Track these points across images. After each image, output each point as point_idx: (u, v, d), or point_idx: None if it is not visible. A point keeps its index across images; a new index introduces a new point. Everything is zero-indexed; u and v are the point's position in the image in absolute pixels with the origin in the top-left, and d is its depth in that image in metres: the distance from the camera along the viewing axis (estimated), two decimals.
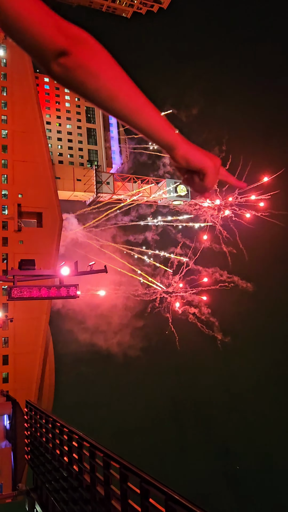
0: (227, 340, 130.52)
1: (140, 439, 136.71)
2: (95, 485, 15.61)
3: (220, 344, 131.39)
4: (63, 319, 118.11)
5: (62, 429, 19.55)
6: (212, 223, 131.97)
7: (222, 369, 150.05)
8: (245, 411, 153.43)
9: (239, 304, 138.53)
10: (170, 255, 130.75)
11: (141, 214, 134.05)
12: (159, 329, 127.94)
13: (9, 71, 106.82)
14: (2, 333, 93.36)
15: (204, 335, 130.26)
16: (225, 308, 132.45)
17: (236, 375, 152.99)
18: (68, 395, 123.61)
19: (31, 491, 24.72)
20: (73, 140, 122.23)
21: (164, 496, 11.02)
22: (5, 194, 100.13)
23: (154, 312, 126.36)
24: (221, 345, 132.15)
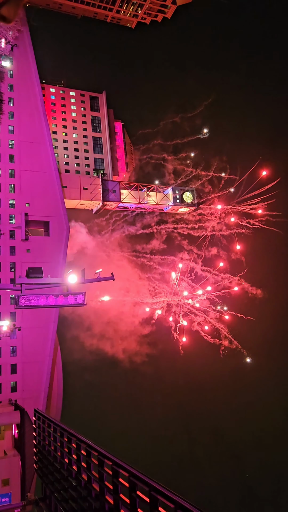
0: (236, 348, 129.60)
1: (149, 447, 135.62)
2: (104, 494, 15.51)
3: (227, 351, 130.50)
4: (71, 326, 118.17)
5: (71, 437, 19.49)
6: (216, 231, 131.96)
7: (232, 378, 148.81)
8: (256, 419, 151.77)
9: (249, 310, 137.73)
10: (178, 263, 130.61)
11: (147, 222, 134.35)
12: (167, 336, 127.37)
13: (16, 82, 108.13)
14: (10, 342, 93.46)
15: (213, 341, 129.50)
16: (235, 313, 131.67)
17: (247, 383, 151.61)
18: (77, 403, 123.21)
19: (40, 501, 24.59)
20: (79, 149, 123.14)
21: (174, 505, 10.93)
22: (12, 203, 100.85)
23: (161, 320, 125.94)
24: (229, 352, 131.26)
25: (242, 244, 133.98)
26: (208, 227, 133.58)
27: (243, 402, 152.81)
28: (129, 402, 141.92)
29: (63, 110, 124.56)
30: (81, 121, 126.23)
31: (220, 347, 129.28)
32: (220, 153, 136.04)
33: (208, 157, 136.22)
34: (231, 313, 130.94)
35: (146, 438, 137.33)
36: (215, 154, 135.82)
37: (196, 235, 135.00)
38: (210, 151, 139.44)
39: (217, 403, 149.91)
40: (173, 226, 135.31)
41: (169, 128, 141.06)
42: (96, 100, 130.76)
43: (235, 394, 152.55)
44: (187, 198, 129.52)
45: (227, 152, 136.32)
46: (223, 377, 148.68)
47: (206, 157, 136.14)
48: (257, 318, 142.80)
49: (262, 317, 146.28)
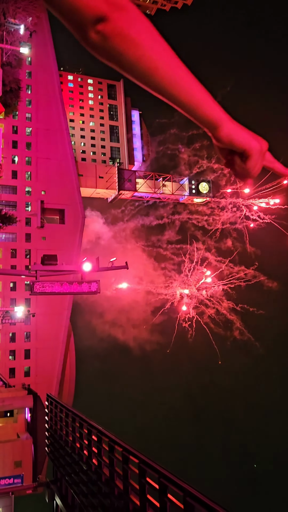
0: (250, 341, 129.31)
1: (159, 435, 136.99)
2: (114, 479, 15.74)
3: (242, 343, 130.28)
4: (84, 313, 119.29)
5: (82, 423, 19.77)
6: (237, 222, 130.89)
7: (244, 369, 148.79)
8: (265, 410, 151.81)
9: (263, 303, 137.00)
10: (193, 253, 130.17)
11: (162, 212, 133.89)
12: (178, 326, 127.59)
13: (34, 69, 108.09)
14: (24, 328, 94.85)
15: (225, 334, 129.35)
16: (247, 307, 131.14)
17: (258, 375, 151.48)
18: (89, 389, 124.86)
19: (51, 483, 25.08)
20: (96, 137, 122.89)
21: (183, 493, 11.04)
22: (29, 191, 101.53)
23: (174, 309, 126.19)
24: (241, 344, 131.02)
25: (256, 236, 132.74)
26: (222, 219, 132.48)
27: (253, 394, 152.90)
28: (140, 389, 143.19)
29: (80, 98, 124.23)
30: (98, 109, 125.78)
31: (230, 339, 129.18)
32: None
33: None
34: (243, 306, 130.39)
35: (156, 426, 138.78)
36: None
37: (210, 227, 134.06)
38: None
39: (227, 394, 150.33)
40: (187, 217, 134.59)
41: (187, 118, 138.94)
42: (114, 88, 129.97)
43: (245, 386, 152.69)
44: (203, 188, 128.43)
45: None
46: (234, 369, 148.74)
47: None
48: (272, 311, 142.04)
49: (276, 310, 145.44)
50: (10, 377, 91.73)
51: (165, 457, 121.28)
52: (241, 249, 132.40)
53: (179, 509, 11.34)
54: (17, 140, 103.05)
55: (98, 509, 16.65)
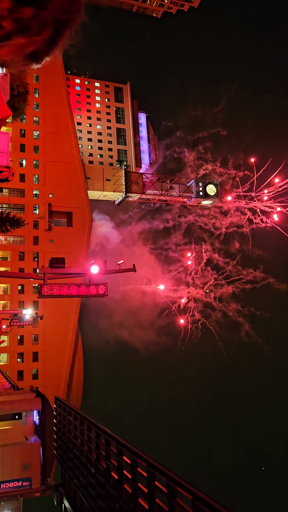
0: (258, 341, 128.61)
1: (167, 437, 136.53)
2: (122, 483, 15.68)
3: (250, 345, 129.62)
4: (92, 316, 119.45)
5: (91, 426, 19.74)
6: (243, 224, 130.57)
7: (252, 372, 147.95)
8: (275, 414, 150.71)
9: (271, 305, 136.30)
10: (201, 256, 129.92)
11: (169, 214, 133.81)
12: (186, 328, 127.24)
13: (41, 73, 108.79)
14: (32, 330, 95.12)
15: (232, 336, 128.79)
16: (256, 307, 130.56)
17: (267, 378, 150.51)
18: (97, 392, 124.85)
19: (59, 486, 25.09)
20: (103, 140, 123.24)
21: (191, 496, 10.96)
22: (36, 194, 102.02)
23: (181, 311, 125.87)
24: (249, 347, 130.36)
25: (262, 239, 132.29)
26: (228, 221, 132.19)
27: (262, 396, 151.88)
28: (148, 391, 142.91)
29: (87, 101, 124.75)
30: (105, 112, 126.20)
31: (238, 341, 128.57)
32: (241, 149, 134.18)
33: (230, 151, 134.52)
34: (250, 308, 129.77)
35: (164, 428, 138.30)
36: (236, 150, 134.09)
37: (217, 230, 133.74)
38: (233, 146, 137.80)
39: (236, 397, 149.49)
40: (194, 219, 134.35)
41: (193, 121, 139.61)
42: (121, 91, 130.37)
43: (254, 388, 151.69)
44: (210, 191, 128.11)
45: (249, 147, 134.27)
46: (243, 372, 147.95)
47: (228, 152, 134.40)
48: (280, 314, 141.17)
49: (284, 312, 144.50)
50: (18, 380, 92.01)
51: (173, 459, 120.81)
52: (248, 251, 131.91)
53: None
54: (25, 143, 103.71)
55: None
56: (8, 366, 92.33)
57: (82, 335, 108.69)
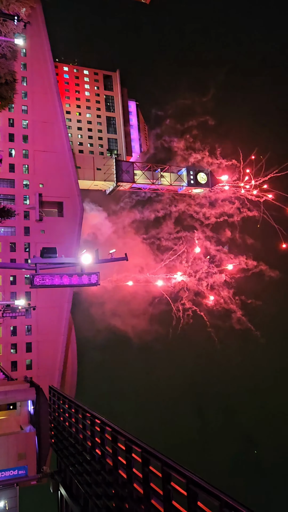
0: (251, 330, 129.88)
1: (161, 423, 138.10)
2: (117, 469, 15.90)
3: (243, 332, 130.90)
4: (85, 305, 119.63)
5: (85, 414, 19.92)
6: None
7: (246, 358, 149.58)
8: (267, 399, 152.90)
9: (263, 292, 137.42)
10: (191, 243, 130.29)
11: (160, 203, 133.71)
12: (178, 316, 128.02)
13: (29, 61, 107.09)
14: (25, 321, 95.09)
15: (225, 323, 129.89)
16: (249, 295, 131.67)
17: (259, 364, 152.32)
18: (91, 380, 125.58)
19: (55, 474, 25.35)
20: (93, 129, 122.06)
21: (185, 480, 11.16)
22: (26, 184, 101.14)
23: (174, 299, 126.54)
24: (241, 333, 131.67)
25: (252, 227, 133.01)
26: (219, 210, 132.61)
27: (255, 383, 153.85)
28: (142, 378, 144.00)
29: (76, 90, 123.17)
30: (95, 100, 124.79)
31: (230, 328, 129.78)
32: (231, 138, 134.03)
33: (221, 140, 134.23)
34: (243, 295, 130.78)
35: (158, 414, 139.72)
36: (226, 138, 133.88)
37: (208, 218, 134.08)
38: (224, 134, 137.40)
39: (228, 383, 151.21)
40: (186, 208, 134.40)
41: (184, 109, 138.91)
42: (110, 79, 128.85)
43: (247, 375, 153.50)
44: (201, 179, 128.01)
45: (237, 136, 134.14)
46: (236, 358, 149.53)
47: (219, 140, 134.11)
48: (272, 301, 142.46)
49: (276, 300, 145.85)
50: (12, 370, 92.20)
51: (168, 446, 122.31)
52: (240, 240, 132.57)
53: (183, 496, 11.47)
54: (14, 133, 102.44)
55: (102, 498, 16.85)
56: (1, 357, 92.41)
57: (75, 325, 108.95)
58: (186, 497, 11.08)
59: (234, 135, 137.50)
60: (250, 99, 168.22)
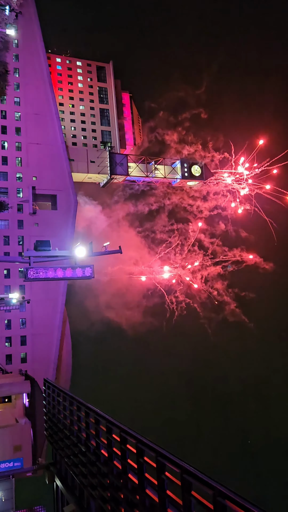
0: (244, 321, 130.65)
1: (156, 415, 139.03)
2: (112, 460, 16.04)
3: (237, 324, 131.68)
4: (79, 298, 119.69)
5: (80, 406, 20.02)
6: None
7: (239, 350, 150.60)
8: (262, 389, 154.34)
9: (257, 285, 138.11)
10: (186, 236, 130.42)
11: (154, 195, 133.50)
12: (173, 308, 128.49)
13: (21, 52, 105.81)
14: (20, 315, 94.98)
15: (219, 315, 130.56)
16: (244, 288, 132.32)
17: (254, 355, 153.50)
18: (85, 373, 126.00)
19: (50, 465, 25.54)
20: (86, 121, 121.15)
21: (179, 470, 11.29)
22: (20, 177, 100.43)
23: (168, 291, 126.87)
24: (236, 324, 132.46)
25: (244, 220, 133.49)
26: (213, 203, 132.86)
27: (248, 373, 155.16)
28: (136, 370, 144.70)
29: (69, 81, 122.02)
30: (88, 92, 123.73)
31: (225, 319, 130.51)
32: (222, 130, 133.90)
33: (215, 133, 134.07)
34: (237, 287, 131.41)
35: (152, 405, 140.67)
36: (219, 130, 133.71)
37: (201, 211, 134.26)
38: (218, 127, 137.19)
39: (223, 374, 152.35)
40: (179, 201, 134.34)
41: (178, 101, 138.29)
42: (103, 70, 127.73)
43: (241, 365, 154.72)
44: (195, 171, 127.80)
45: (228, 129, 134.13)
46: (230, 349, 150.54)
47: (212, 133, 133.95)
48: (266, 293, 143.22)
49: (270, 292, 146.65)
50: (7, 364, 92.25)
51: (162, 436, 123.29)
52: (234, 232, 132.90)
53: (177, 486, 11.61)
54: (6, 125, 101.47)
55: (98, 488, 17.01)
56: None
57: (69, 318, 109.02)
58: (180, 486, 11.21)
59: (228, 127, 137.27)
60: (244, 91, 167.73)
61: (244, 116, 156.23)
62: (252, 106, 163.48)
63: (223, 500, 9.44)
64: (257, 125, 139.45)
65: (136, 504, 13.80)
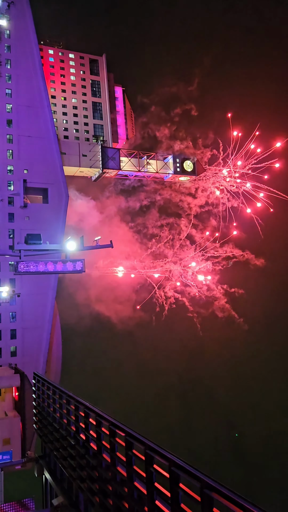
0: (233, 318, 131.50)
1: (146, 408, 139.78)
2: (101, 453, 16.14)
3: (227, 320, 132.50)
4: (70, 292, 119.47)
5: (69, 399, 20.07)
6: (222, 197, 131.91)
7: (228, 346, 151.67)
8: (250, 385, 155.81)
9: (247, 281, 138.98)
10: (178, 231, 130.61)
11: (146, 190, 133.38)
12: (164, 303, 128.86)
13: (13, 43, 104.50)
14: (10, 308, 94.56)
15: (209, 310, 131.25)
16: (233, 284, 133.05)
17: (242, 351, 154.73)
18: (75, 367, 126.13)
19: (39, 459, 25.59)
20: (79, 114, 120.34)
21: (168, 463, 11.42)
22: (11, 169, 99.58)
23: (160, 286, 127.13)
24: (226, 321, 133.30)
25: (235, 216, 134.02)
26: (204, 199, 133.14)
27: (237, 369, 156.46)
28: (126, 365, 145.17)
29: (62, 73, 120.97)
30: (81, 85, 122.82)
31: (214, 315, 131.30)
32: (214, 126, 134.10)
33: (206, 129, 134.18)
34: (228, 284, 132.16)
35: (142, 400, 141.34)
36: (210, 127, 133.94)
37: (197, 205, 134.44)
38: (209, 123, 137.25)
39: (212, 370, 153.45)
40: (171, 197, 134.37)
41: (171, 96, 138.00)
42: (96, 63, 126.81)
43: (230, 361, 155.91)
44: (187, 166, 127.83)
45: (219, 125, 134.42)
46: (220, 345, 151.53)
47: (204, 129, 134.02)
48: (256, 289, 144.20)
49: (260, 288, 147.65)
50: None
51: (151, 429, 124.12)
52: (226, 229, 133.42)
53: (165, 478, 11.74)
54: None
55: (86, 481, 17.12)
56: None
57: (60, 311, 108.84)
58: (169, 479, 11.33)
59: (219, 123, 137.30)
60: (237, 86, 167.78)
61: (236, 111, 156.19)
62: (246, 103, 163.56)
63: (210, 492, 9.58)
64: (248, 121, 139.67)
65: (124, 496, 13.93)
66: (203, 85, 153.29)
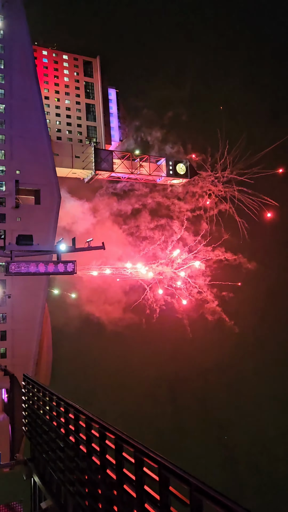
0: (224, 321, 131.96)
1: (136, 411, 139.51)
2: (91, 455, 16.05)
3: (217, 322, 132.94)
4: (61, 294, 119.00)
5: (59, 401, 19.96)
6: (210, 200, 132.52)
7: (219, 348, 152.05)
8: (240, 387, 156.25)
9: (238, 283, 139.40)
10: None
11: (139, 193, 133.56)
12: (155, 305, 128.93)
13: (7, 43, 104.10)
14: (0, 309, 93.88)
15: (200, 313, 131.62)
16: (224, 288, 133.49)
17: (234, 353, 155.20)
18: (66, 369, 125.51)
19: (28, 461, 25.39)
20: (72, 116, 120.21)
21: (157, 465, 11.38)
22: (3, 170, 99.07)
23: (151, 289, 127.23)
24: (216, 323, 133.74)
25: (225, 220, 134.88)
26: (196, 203, 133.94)
27: (228, 372, 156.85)
28: (116, 368, 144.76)
29: (55, 75, 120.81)
30: (74, 86, 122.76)
31: (205, 317, 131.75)
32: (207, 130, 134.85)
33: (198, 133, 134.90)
34: (218, 286, 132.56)
35: (132, 403, 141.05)
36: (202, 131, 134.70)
37: (185, 211, 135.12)
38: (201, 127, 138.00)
39: (203, 373, 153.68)
40: (164, 198, 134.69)
41: (162, 98, 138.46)
42: (90, 65, 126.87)
43: (221, 364, 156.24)
44: (180, 169, 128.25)
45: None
46: (211, 347, 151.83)
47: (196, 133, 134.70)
48: (247, 291, 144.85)
49: (251, 290, 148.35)
50: None
51: (141, 432, 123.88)
52: (217, 232, 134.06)
53: (155, 481, 11.71)
54: None
55: (76, 484, 17.02)
56: None
57: (50, 313, 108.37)
58: (158, 482, 11.31)
59: (213, 127, 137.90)
60: (231, 91, 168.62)
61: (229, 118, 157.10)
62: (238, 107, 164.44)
63: (199, 495, 9.57)
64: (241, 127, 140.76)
65: (113, 500, 13.87)
66: (198, 88, 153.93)
